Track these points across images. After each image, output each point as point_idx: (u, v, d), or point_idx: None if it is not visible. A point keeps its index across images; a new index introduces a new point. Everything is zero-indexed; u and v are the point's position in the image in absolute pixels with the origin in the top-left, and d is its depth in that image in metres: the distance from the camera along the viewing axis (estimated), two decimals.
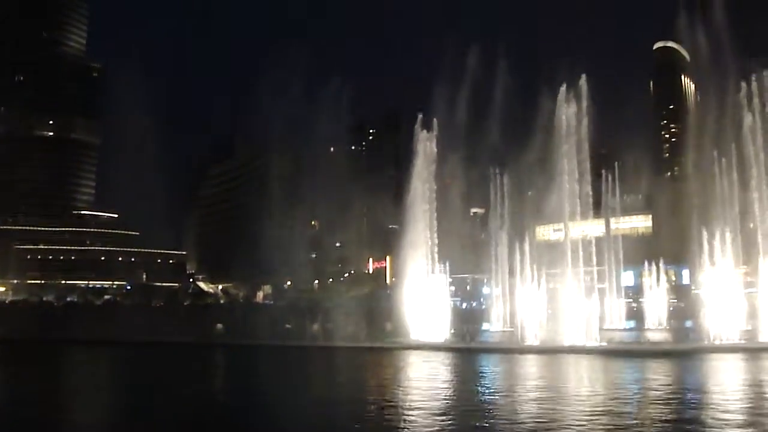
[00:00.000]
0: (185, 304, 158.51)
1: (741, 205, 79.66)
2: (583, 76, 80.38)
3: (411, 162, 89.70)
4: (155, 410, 36.40)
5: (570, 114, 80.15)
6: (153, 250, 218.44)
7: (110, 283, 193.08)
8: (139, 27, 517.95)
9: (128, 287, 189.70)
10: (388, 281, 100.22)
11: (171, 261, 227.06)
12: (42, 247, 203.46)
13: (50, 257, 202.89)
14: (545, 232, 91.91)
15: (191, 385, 47.45)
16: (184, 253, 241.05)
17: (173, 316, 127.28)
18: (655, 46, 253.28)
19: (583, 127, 79.90)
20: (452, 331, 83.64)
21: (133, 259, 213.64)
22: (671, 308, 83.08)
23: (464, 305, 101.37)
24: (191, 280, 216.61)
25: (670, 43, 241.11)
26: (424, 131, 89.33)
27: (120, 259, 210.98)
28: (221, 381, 51.94)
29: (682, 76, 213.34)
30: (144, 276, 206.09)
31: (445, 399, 39.02)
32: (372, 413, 34.13)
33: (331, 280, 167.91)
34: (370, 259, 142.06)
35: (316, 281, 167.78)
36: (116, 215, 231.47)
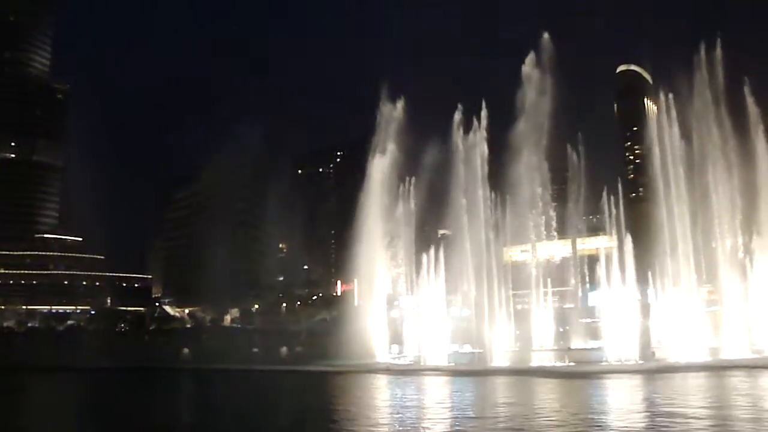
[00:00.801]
0: (151, 328, 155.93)
1: (703, 225, 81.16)
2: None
3: (373, 184, 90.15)
4: None
5: (532, 138, 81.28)
6: (118, 274, 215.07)
7: (74, 307, 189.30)
8: (105, 49, 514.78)
9: (92, 312, 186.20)
10: (356, 304, 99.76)
11: (136, 285, 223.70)
12: (2, 271, 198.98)
13: (11, 282, 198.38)
14: (512, 254, 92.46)
15: (148, 411, 46.27)
16: (149, 276, 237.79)
17: (138, 340, 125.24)
18: (618, 69, 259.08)
19: (542, 147, 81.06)
20: (419, 353, 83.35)
21: (97, 283, 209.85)
22: (637, 327, 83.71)
23: None
24: (157, 304, 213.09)
25: (633, 66, 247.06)
26: (385, 153, 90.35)
27: (84, 283, 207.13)
28: (175, 407, 50.56)
29: (645, 99, 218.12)
30: (109, 300, 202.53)
31: (411, 424, 38.50)
32: None
33: (299, 303, 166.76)
34: (339, 282, 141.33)
35: (284, 304, 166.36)
36: (80, 238, 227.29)
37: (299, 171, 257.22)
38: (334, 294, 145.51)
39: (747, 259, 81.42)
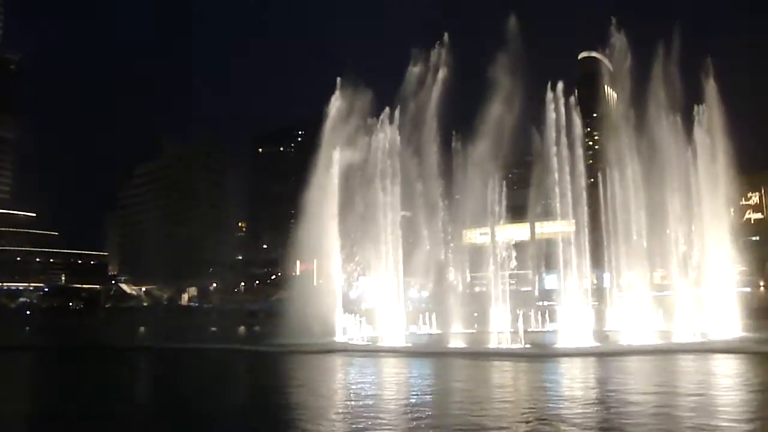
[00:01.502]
0: (107, 306, 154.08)
1: (658, 210, 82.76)
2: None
3: (329, 161, 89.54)
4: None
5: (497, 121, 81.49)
6: (73, 251, 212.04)
7: (26, 284, 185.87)
8: (60, 20, 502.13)
9: (46, 289, 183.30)
10: (315, 283, 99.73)
11: (92, 262, 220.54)
12: None
13: None
14: (472, 236, 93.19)
15: (90, 391, 45.38)
16: (105, 253, 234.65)
17: (93, 319, 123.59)
18: (579, 56, 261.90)
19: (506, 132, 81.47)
20: (377, 334, 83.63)
21: (51, 260, 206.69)
22: (592, 311, 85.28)
23: None
24: (113, 281, 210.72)
25: (594, 54, 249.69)
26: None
27: (38, 260, 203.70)
28: (117, 386, 49.64)
29: (605, 86, 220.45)
30: (63, 277, 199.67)
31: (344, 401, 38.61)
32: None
33: (257, 282, 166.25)
34: (298, 262, 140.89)
35: (243, 283, 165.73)
36: (34, 214, 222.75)
37: (260, 150, 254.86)
38: (293, 273, 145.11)
39: (698, 245, 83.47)
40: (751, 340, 69.46)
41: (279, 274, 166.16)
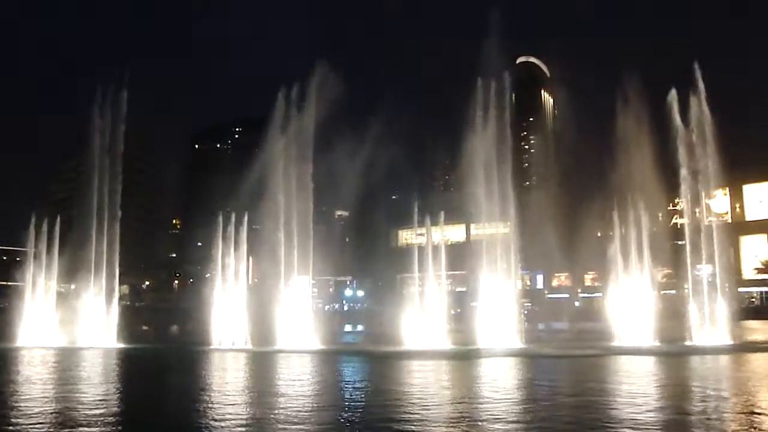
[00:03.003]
0: None
1: (590, 215, 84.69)
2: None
3: (272, 161, 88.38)
4: None
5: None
6: None
7: None
8: None
9: None
10: (249, 282, 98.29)
11: (17, 258, 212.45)
12: None
13: None
14: (407, 236, 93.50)
15: None
16: (33, 250, 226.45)
17: (19, 317, 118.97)
18: (517, 61, 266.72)
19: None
20: (311, 333, 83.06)
21: None
22: (525, 311, 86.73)
23: (326, 308, 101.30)
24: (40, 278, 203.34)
25: (532, 59, 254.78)
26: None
27: None
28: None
29: (542, 91, 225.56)
30: None
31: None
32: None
33: (191, 280, 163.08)
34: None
35: (176, 282, 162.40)
36: None
37: (196, 146, 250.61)
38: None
39: (627, 248, 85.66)
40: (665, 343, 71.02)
41: (214, 272, 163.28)
